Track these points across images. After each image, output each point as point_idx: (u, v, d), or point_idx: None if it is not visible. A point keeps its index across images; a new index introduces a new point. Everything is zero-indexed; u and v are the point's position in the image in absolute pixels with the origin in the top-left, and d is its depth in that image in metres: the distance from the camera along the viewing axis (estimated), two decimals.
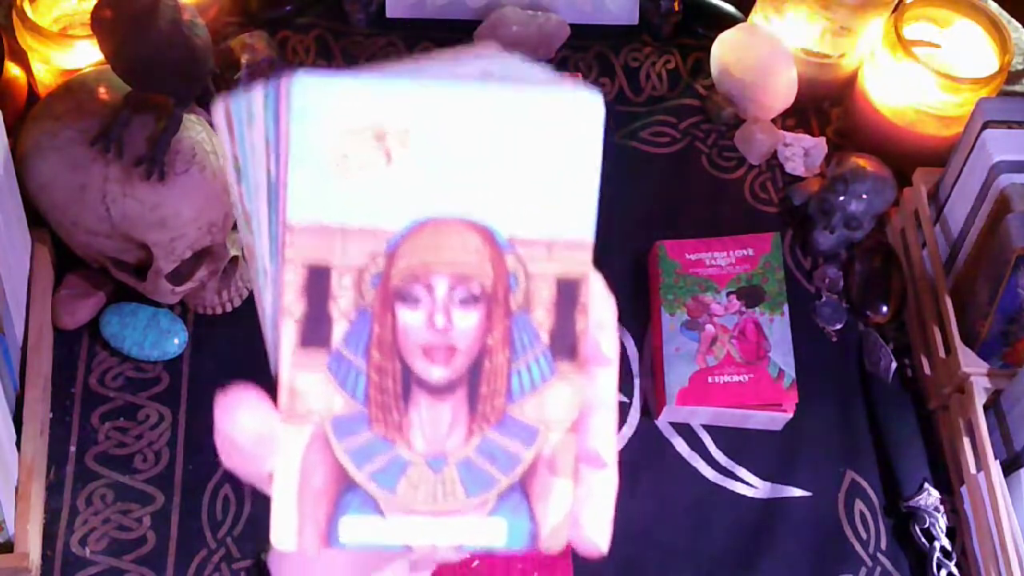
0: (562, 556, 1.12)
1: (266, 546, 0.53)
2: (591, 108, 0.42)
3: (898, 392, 1.29)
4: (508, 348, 0.42)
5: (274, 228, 0.42)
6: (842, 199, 1.31)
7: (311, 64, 1.45)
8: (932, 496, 1.20)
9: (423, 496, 0.42)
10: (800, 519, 1.20)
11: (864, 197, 1.32)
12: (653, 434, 1.24)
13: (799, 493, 1.22)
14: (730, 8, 1.52)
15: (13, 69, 1.31)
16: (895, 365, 1.29)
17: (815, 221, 1.34)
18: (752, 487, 1.21)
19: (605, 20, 1.50)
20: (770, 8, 1.41)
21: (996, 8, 1.47)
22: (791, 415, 1.21)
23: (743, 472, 1.22)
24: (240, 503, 1.16)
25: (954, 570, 1.17)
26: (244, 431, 0.42)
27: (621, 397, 1.24)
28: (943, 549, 1.18)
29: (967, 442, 1.18)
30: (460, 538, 0.43)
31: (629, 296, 1.29)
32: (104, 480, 1.16)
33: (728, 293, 1.26)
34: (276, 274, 0.42)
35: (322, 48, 1.47)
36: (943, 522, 1.19)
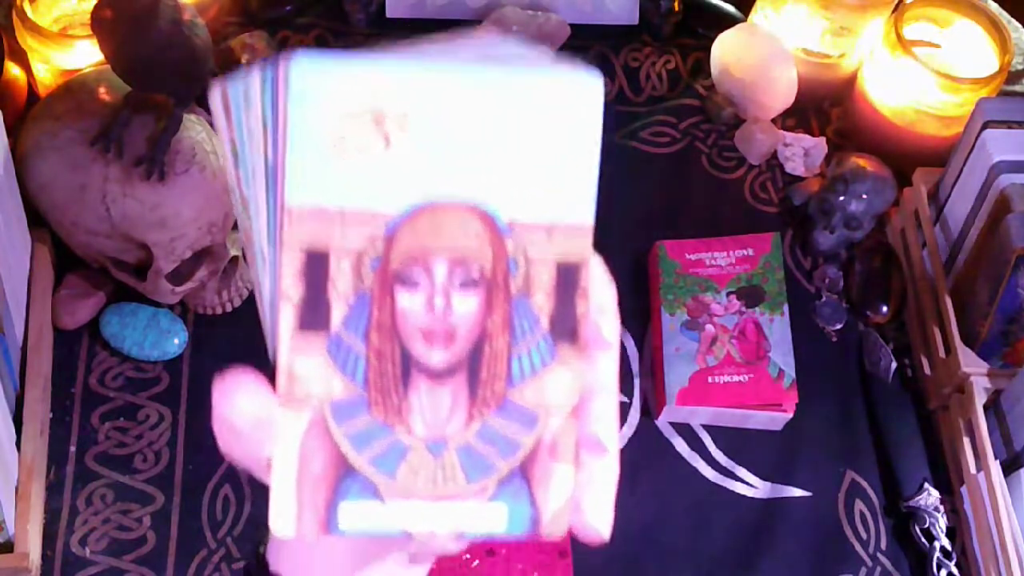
0: (562, 556, 1.12)
1: (264, 538, 0.53)
2: (590, 89, 0.41)
3: (898, 392, 1.29)
4: (508, 332, 0.42)
5: (272, 212, 0.42)
6: (842, 199, 1.31)
7: None
8: (932, 496, 1.20)
9: (423, 481, 0.42)
10: (800, 519, 1.20)
11: (864, 197, 1.31)
12: (653, 434, 1.23)
13: (799, 493, 1.21)
14: (730, 8, 1.52)
15: (13, 69, 1.31)
16: (895, 365, 1.28)
17: (815, 221, 1.34)
18: (752, 487, 1.21)
19: (605, 20, 1.50)
20: (770, 8, 1.41)
21: (996, 8, 1.47)
22: (791, 415, 1.21)
23: (743, 472, 1.22)
24: (240, 503, 1.16)
25: (954, 570, 1.17)
26: (242, 415, 0.41)
27: (621, 397, 1.24)
28: (943, 549, 1.18)
29: (967, 442, 1.17)
30: (460, 524, 0.42)
31: (629, 296, 1.29)
32: (104, 480, 1.16)
33: (728, 293, 1.26)
34: (274, 258, 0.42)
35: (322, 48, 1.47)
36: (943, 522, 1.19)
